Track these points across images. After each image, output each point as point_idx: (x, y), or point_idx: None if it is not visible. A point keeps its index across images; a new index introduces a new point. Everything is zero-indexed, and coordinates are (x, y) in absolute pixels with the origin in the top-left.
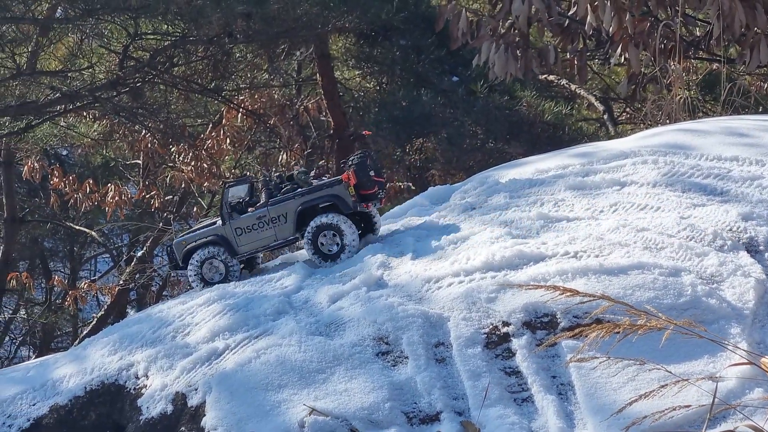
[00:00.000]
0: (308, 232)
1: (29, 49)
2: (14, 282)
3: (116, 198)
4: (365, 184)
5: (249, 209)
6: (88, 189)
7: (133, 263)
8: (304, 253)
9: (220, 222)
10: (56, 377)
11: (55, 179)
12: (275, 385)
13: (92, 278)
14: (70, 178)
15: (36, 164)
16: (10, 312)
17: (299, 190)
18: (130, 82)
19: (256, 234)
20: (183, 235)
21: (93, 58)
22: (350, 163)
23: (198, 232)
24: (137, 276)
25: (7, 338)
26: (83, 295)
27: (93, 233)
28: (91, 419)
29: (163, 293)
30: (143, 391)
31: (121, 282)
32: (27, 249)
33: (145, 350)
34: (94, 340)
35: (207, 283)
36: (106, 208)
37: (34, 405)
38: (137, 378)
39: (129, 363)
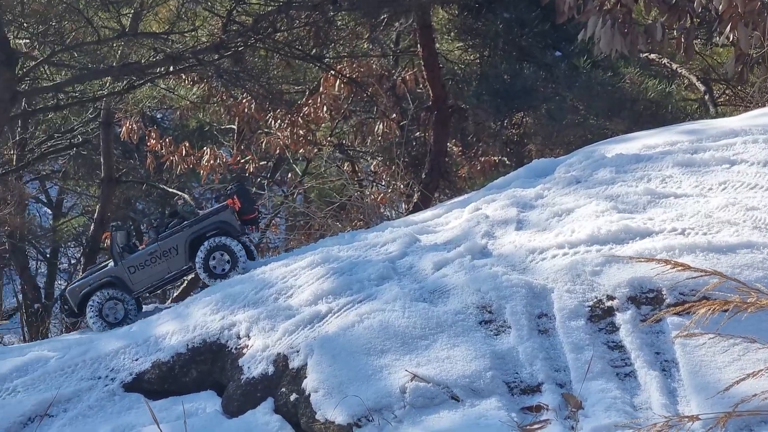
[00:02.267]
0: (199, 257)
1: (133, 10)
2: (108, 241)
3: (211, 162)
4: (248, 209)
5: (139, 248)
6: (184, 152)
7: None
8: (409, 221)
9: (111, 264)
10: (159, 334)
11: (151, 141)
12: (377, 349)
13: None
14: (167, 140)
15: (134, 125)
16: None
17: (186, 222)
18: (232, 46)
19: (150, 269)
20: (75, 283)
21: (197, 21)
22: (232, 190)
23: (90, 276)
24: None
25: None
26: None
27: (186, 196)
28: (192, 376)
29: (254, 258)
30: (244, 351)
31: None
32: (120, 210)
33: (247, 311)
34: (196, 298)
35: (109, 324)
36: (201, 172)
37: (136, 360)
38: (239, 338)
39: (231, 323)
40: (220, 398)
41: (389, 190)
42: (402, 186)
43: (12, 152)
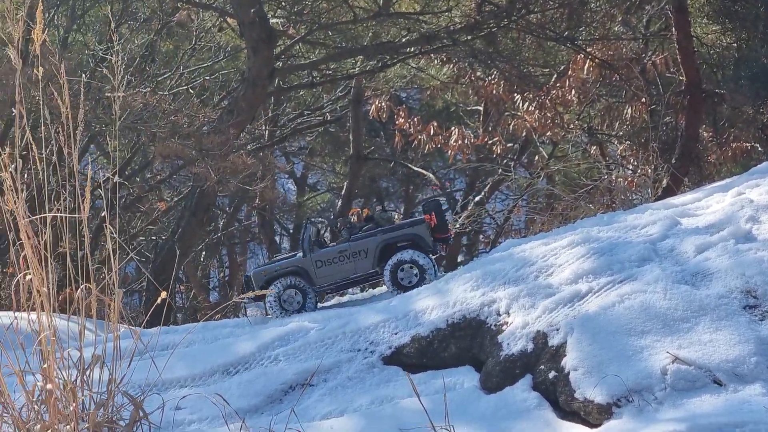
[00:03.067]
0: (389, 266)
1: None
2: (354, 217)
3: (459, 142)
4: (443, 228)
5: (330, 244)
6: (431, 131)
7: (469, 208)
8: (668, 203)
9: (300, 254)
10: (418, 308)
11: (400, 120)
12: (638, 330)
13: None
14: (415, 119)
15: (383, 104)
16: None
17: (380, 228)
18: (485, 27)
19: (336, 267)
20: (262, 267)
21: (451, 1)
22: (430, 207)
23: (277, 263)
24: (473, 221)
25: None
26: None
27: (432, 176)
28: (451, 351)
29: (498, 240)
30: (504, 327)
31: (458, 226)
32: (366, 187)
33: (507, 288)
34: (456, 275)
35: (285, 310)
36: (448, 152)
37: (396, 334)
38: (498, 315)
39: (491, 299)
40: (477, 374)
41: (637, 175)
42: (650, 171)
43: (264, 128)
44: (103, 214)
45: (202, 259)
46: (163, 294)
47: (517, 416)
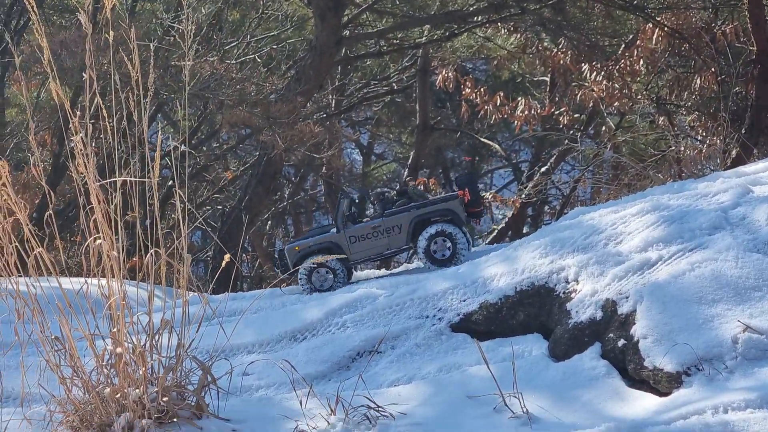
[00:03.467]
0: (422, 240)
1: None
2: (422, 187)
3: (525, 112)
4: (476, 202)
5: (364, 220)
6: (498, 101)
7: (535, 178)
8: (740, 172)
9: (334, 230)
10: (486, 275)
11: (467, 90)
12: (708, 299)
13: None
14: (482, 89)
15: (450, 74)
16: None
17: (413, 203)
18: None
19: (370, 242)
20: (295, 242)
21: None
22: (463, 181)
23: (311, 238)
24: (539, 191)
25: None
26: (488, 204)
27: (497, 146)
28: (519, 319)
29: (564, 211)
30: (572, 295)
31: (524, 196)
32: (431, 157)
33: (576, 255)
34: (524, 242)
35: (314, 287)
36: (515, 122)
37: (464, 301)
38: (567, 282)
39: (560, 267)
40: (545, 341)
41: (706, 145)
42: (719, 141)
43: (331, 98)
44: (170, 183)
45: (267, 228)
46: (227, 257)
47: (586, 384)
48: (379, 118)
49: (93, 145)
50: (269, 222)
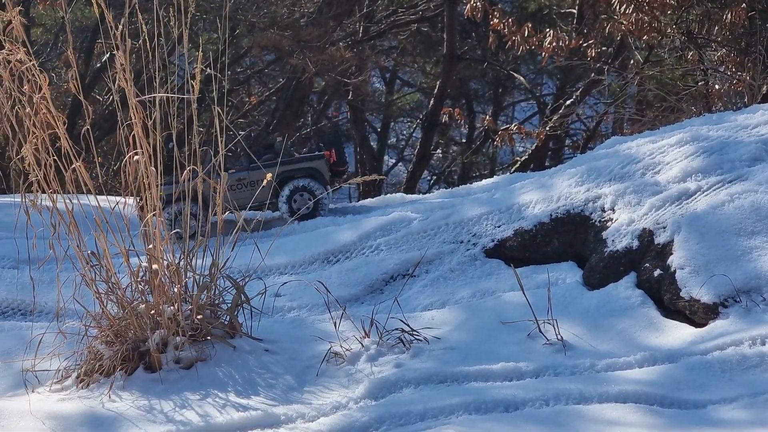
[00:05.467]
0: (283, 195)
1: None
2: (446, 117)
3: (554, 44)
4: (341, 162)
5: (230, 171)
6: (526, 32)
7: (560, 111)
8: None
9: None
10: (522, 202)
11: (494, 20)
12: (747, 231)
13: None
14: (509, 20)
15: (478, 3)
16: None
17: (279, 159)
18: None
19: (235, 194)
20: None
21: None
22: (329, 141)
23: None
24: (563, 124)
25: (426, 174)
26: (511, 136)
27: (522, 79)
28: (554, 246)
29: (588, 146)
30: (608, 224)
31: (548, 129)
32: (455, 88)
33: (612, 184)
34: (560, 170)
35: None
36: (542, 54)
37: (498, 227)
38: (603, 211)
39: (596, 195)
40: (580, 270)
41: (735, 81)
42: (748, 77)
43: (358, 24)
44: (193, 106)
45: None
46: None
47: (621, 313)
48: (404, 47)
49: (131, 62)
50: (292, 148)
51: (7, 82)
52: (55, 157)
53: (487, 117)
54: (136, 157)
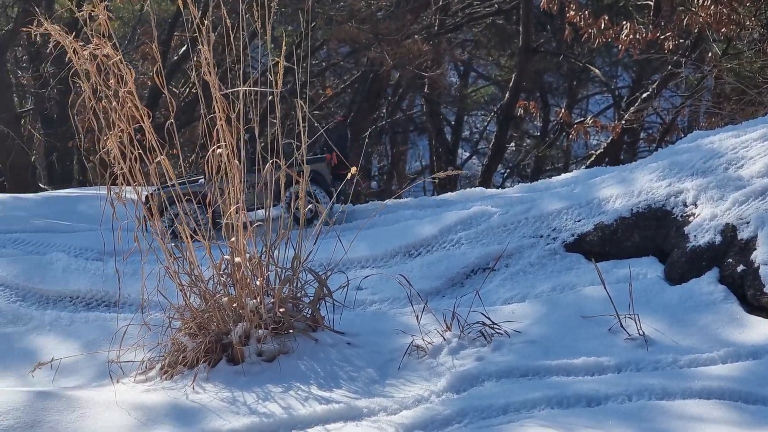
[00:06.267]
0: (285, 199)
1: None
2: (521, 110)
3: (630, 36)
4: (343, 166)
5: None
6: (602, 25)
7: (636, 104)
8: None
9: (202, 179)
10: (602, 197)
11: (570, 12)
12: None
13: (585, 117)
14: (586, 12)
15: None
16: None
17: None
18: None
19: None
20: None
21: None
22: (333, 142)
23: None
24: (639, 118)
25: (500, 168)
26: (587, 129)
27: (598, 71)
28: (635, 241)
29: (665, 139)
30: (690, 219)
31: (624, 122)
32: (530, 81)
33: (695, 179)
34: (641, 164)
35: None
36: (619, 46)
37: (578, 221)
38: (685, 206)
39: (678, 190)
40: (661, 265)
41: None
42: None
43: (434, 17)
44: (270, 98)
45: (365, 147)
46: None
47: (703, 309)
48: (479, 40)
49: (213, 56)
50: (366, 141)
51: (94, 77)
52: (140, 150)
53: (563, 110)
54: (218, 150)
